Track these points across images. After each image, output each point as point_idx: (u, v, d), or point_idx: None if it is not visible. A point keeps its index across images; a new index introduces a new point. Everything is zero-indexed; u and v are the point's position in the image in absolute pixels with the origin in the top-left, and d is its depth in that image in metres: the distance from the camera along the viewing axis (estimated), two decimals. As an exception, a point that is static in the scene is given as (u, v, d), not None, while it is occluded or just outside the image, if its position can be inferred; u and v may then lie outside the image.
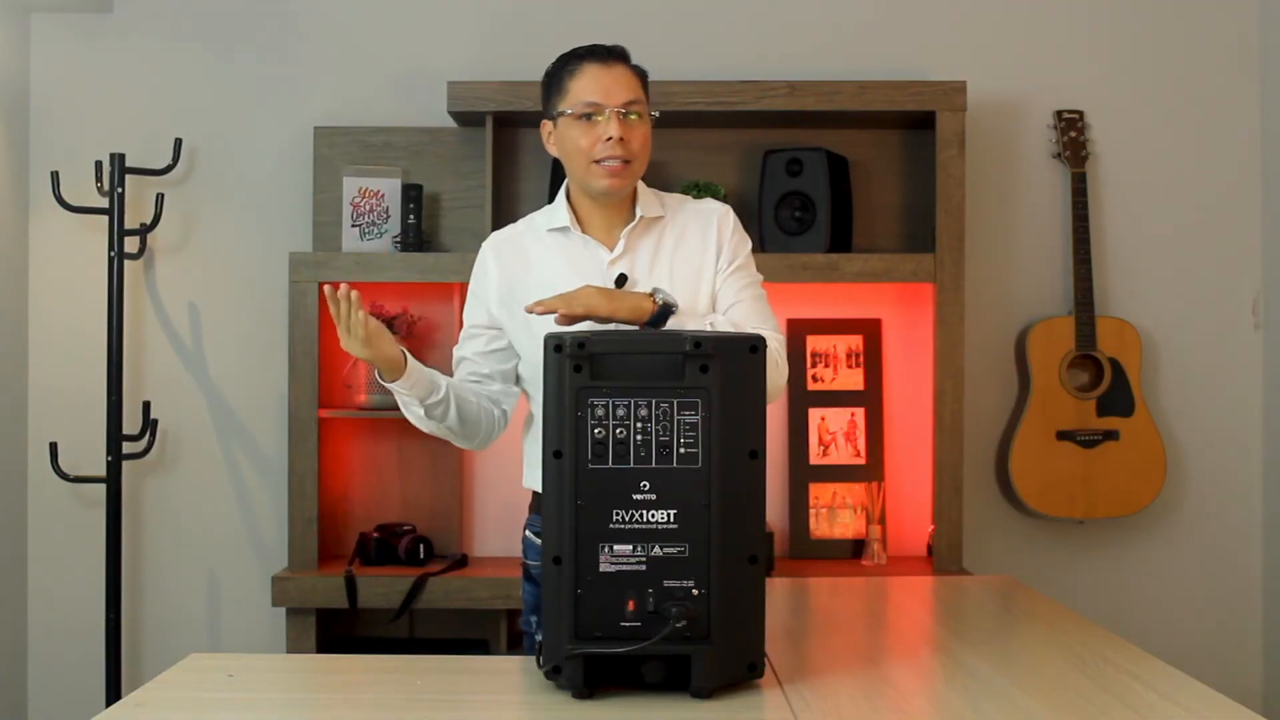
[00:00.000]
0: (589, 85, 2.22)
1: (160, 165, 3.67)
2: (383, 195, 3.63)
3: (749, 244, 2.37)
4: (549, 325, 2.11)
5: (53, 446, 3.62)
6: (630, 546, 1.84)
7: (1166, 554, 3.79)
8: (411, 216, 3.58)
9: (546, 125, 2.30)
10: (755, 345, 1.87)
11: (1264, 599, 3.78)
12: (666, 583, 1.83)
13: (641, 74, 2.29)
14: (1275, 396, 3.75)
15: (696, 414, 1.84)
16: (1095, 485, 3.62)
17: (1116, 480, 3.63)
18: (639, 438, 1.84)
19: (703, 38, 3.76)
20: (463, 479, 3.69)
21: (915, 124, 3.65)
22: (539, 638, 1.91)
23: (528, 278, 2.30)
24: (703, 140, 3.70)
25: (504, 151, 3.68)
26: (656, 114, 2.31)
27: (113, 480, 3.58)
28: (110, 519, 3.59)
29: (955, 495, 3.49)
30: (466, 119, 3.60)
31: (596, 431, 1.84)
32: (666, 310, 2.15)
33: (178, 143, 3.67)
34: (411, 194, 3.59)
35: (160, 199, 3.65)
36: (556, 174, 3.55)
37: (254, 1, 3.79)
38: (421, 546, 3.55)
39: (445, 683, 1.97)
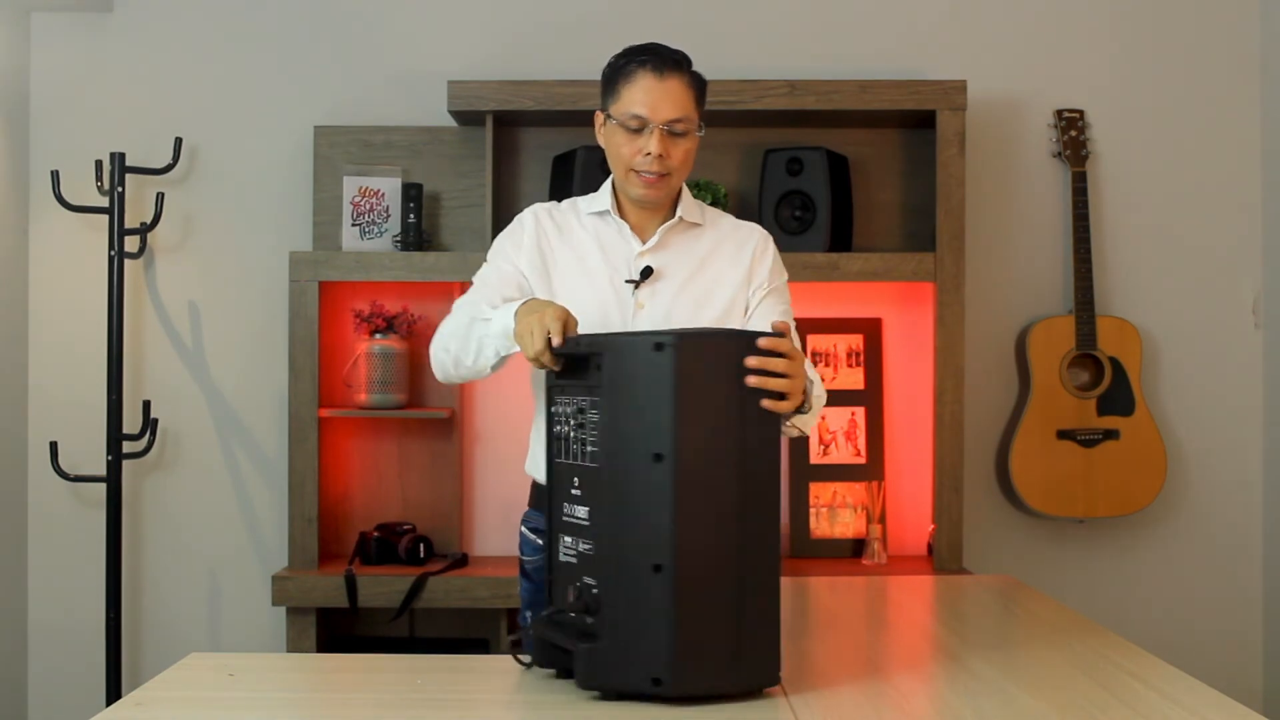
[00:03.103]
0: (639, 97, 2.21)
1: (160, 165, 3.67)
2: (383, 194, 3.62)
3: (785, 275, 2.39)
4: (573, 300, 2.15)
5: (53, 446, 3.63)
6: (570, 539, 1.90)
7: (1166, 554, 3.79)
8: (412, 216, 3.58)
9: (599, 116, 2.30)
10: (660, 343, 1.77)
11: (1264, 598, 3.77)
12: (585, 578, 1.86)
13: (698, 84, 2.27)
14: (1275, 396, 3.75)
15: (599, 414, 1.84)
16: (1095, 485, 3.62)
17: (1117, 480, 3.63)
18: (572, 434, 1.90)
19: (703, 37, 3.75)
20: (463, 479, 3.68)
21: (915, 123, 3.65)
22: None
23: (560, 246, 2.32)
24: (703, 139, 3.67)
25: (504, 151, 3.68)
26: (703, 130, 2.27)
27: (113, 480, 3.58)
28: (110, 519, 3.59)
29: (955, 495, 3.49)
30: (466, 118, 3.60)
31: (557, 427, 1.93)
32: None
33: (178, 142, 3.67)
34: (411, 193, 3.59)
35: (160, 198, 3.65)
36: (557, 174, 3.55)
37: (254, 2, 3.79)
38: (421, 546, 3.55)
39: (445, 682, 1.97)
